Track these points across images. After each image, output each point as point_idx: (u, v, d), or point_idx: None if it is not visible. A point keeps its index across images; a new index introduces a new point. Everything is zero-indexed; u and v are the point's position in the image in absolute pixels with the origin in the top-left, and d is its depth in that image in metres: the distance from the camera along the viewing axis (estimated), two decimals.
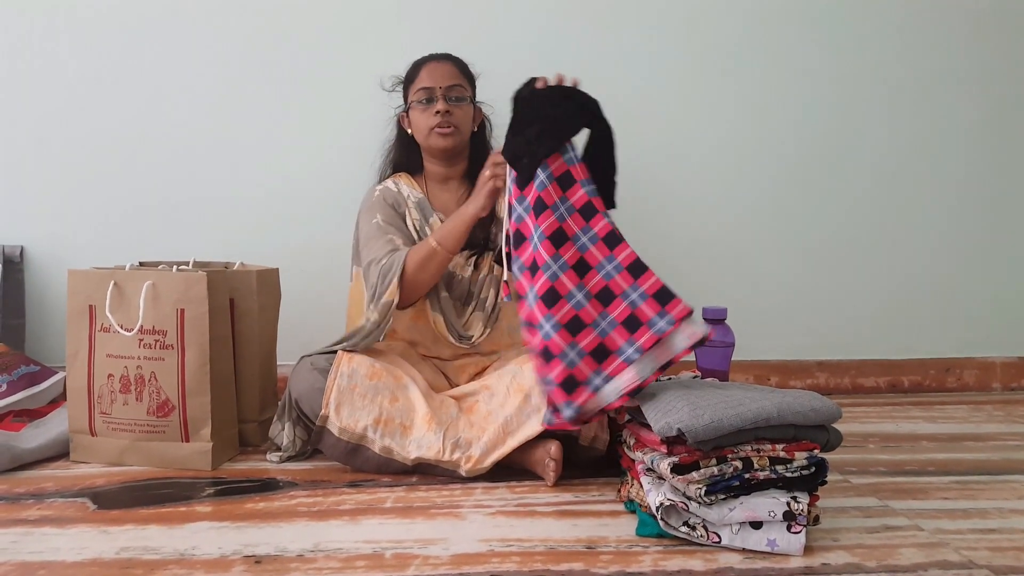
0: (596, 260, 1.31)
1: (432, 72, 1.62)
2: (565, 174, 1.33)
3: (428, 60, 1.66)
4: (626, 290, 1.29)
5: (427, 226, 1.65)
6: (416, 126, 1.66)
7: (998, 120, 2.21)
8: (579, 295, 1.29)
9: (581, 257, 1.31)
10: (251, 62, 2.06)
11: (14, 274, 2.04)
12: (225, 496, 1.35)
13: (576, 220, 1.32)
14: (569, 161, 1.33)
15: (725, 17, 2.12)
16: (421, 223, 1.66)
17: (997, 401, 2.13)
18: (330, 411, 1.46)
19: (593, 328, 1.28)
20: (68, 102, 2.05)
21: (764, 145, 2.17)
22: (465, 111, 1.65)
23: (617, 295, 1.29)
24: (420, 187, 1.71)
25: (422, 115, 1.63)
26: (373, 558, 1.09)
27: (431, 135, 1.63)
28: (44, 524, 1.21)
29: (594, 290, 1.30)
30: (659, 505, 1.13)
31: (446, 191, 1.72)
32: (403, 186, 1.70)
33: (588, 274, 1.30)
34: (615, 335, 1.27)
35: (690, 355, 1.32)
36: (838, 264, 2.21)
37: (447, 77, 1.62)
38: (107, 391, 1.51)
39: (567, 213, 1.32)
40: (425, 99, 1.62)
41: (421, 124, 1.64)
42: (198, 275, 1.48)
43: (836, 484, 1.39)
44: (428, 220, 1.66)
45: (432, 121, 1.61)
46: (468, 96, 1.65)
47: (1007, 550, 1.12)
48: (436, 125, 1.61)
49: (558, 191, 1.32)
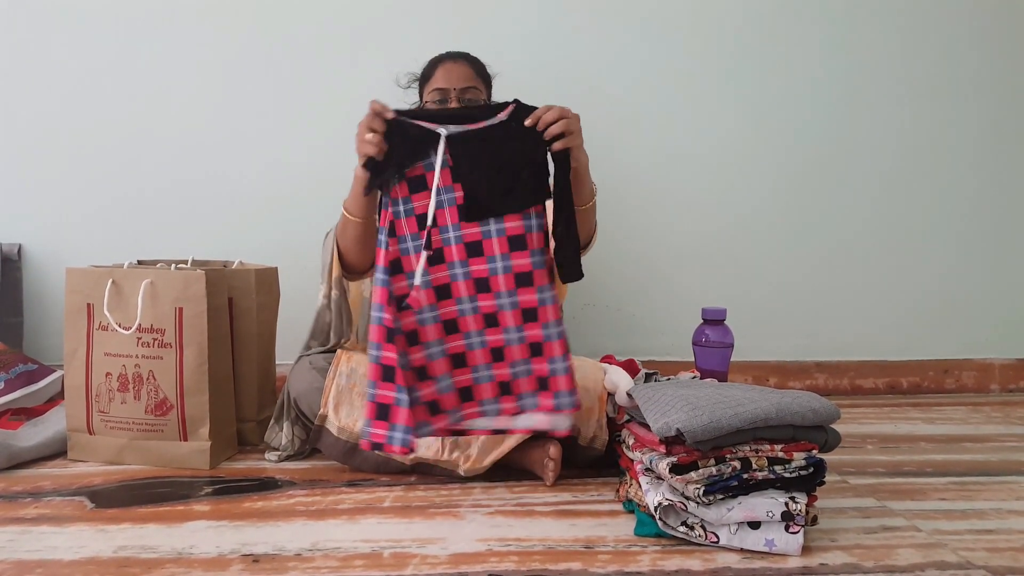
0: (506, 323, 1.27)
1: (448, 73, 1.60)
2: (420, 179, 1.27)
3: (444, 59, 1.63)
4: (516, 361, 1.28)
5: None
6: None
7: (1000, 123, 2.21)
8: (476, 338, 1.28)
9: (495, 313, 1.28)
10: (251, 60, 2.06)
11: (12, 272, 2.04)
12: (223, 495, 1.35)
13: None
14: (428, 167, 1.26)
15: (725, 18, 2.12)
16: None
17: (995, 402, 2.13)
18: (329, 410, 1.45)
19: (472, 372, 1.29)
20: (67, 100, 2.05)
21: (764, 147, 2.17)
22: None
23: (507, 361, 1.28)
24: None
25: None
26: (371, 557, 1.09)
27: None
28: (41, 523, 1.21)
29: (492, 344, 1.28)
30: (657, 505, 1.13)
31: None
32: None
33: (493, 329, 1.28)
34: (486, 387, 1.28)
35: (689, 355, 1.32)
36: (837, 265, 2.21)
37: (462, 79, 1.60)
38: (105, 389, 1.50)
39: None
40: (439, 100, 1.60)
41: None
42: (197, 274, 1.48)
43: (834, 485, 1.39)
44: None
45: None
46: (482, 98, 1.63)
47: (1005, 551, 1.12)
48: None
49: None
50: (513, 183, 1.26)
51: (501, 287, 1.26)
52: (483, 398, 1.29)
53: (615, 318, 2.12)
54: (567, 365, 1.27)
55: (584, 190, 1.41)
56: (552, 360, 1.27)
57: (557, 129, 1.25)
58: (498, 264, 1.27)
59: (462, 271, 1.27)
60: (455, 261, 1.27)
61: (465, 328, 1.28)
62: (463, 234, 1.27)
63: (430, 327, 1.27)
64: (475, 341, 1.28)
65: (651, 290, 2.16)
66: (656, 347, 2.14)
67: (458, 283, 1.27)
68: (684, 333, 1.72)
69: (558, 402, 1.27)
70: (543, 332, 1.26)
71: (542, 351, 1.27)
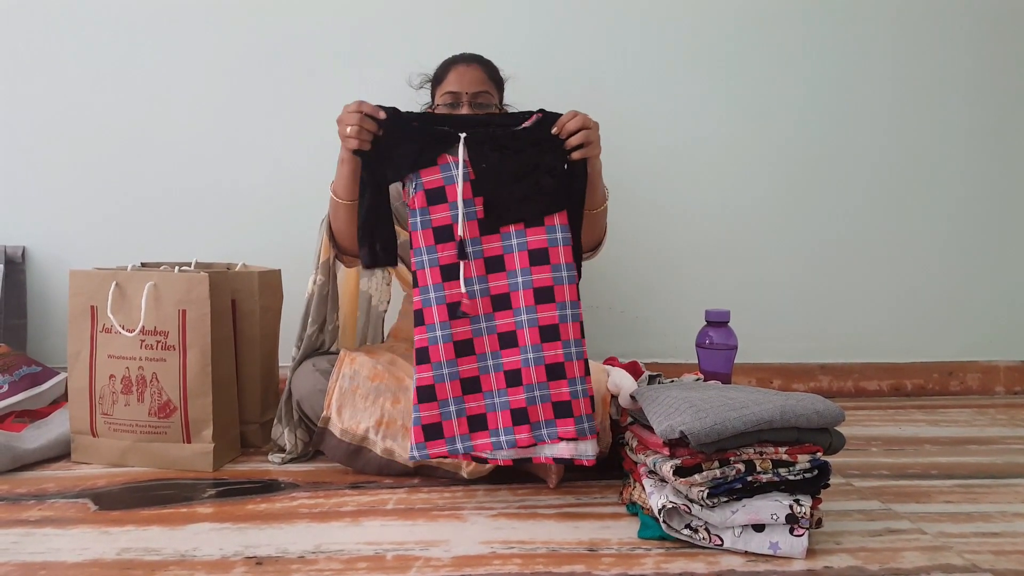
0: (523, 342, 1.25)
1: (460, 77, 1.58)
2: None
3: (457, 62, 1.61)
4: (532, 384, 1.24)
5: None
6: None
7: (1002, 124, 2.20)
8: (490, 361, 1.26)
9: (512, 332, 1.26)
10: (253, 63, 2.07)
11: (16, 274, 2.04)
12: (226, 497, 1.35)
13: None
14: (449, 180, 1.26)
15: (727, 20, 2.12)
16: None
17: (1000, 405, 2.12)
18: (332, 412, 1.45)
19: (485, 398, 1.26)
20: (70, 103, 2.05)
21: (767, 148, 2.17)
22: None
23: (523, 385, 1.25)
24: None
25: None
26: (375, 560, 1.09)
27: None
28: (45, 525, 1.21)
29: (507, 367, 1.26)
30: (661, 507, 1.12)
31: None
32: None
33: (509, 350, 1.26)
34: (500, 416, 1.25)
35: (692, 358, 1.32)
36: (841, 267, 2.20)
37: (474, 83, 1.58)
38: (108, 392, 1.50)
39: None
40: (451, 103, 1.58)
41: None
42: (200, 276, 1.48)
43: (839, 487, 1.38)
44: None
45: None
46: (494, 103, 1.62)
47: (1010, 553, 1.12)
48: None
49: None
50: (531, 191, 1.25)
51: (520, 303, 1.24)
52: (496, 427, 1.25)
53: (619, 320, 2.11)
54: (586, 388, 1.25)
55: (597, 195, 1.41)
56: (572, 382, 1.24)
57: (579, 139, 1.26)
58: (519, 279, 1.25)
59: (480, 287, 1.25)
60: (473, 277, 1.25)
61: (480, 350, 1.25)
62: (483, 248, 1.25)
63: (442, 346, 1.24)
64: (489, 364, 1.25)
65: (655, 292, 2.15)
66: (660, 349, 2.14)
67: (475, 301, 1.25)
68: (688, 335, 1.72)
69: (580, 428, 1.24)
70: (563, 351, 1.24)
71: (562, 372, 1.24)
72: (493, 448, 1.25)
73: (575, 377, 1.24)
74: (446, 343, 1.24)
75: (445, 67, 1.62)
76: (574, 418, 1.24)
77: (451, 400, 1.24)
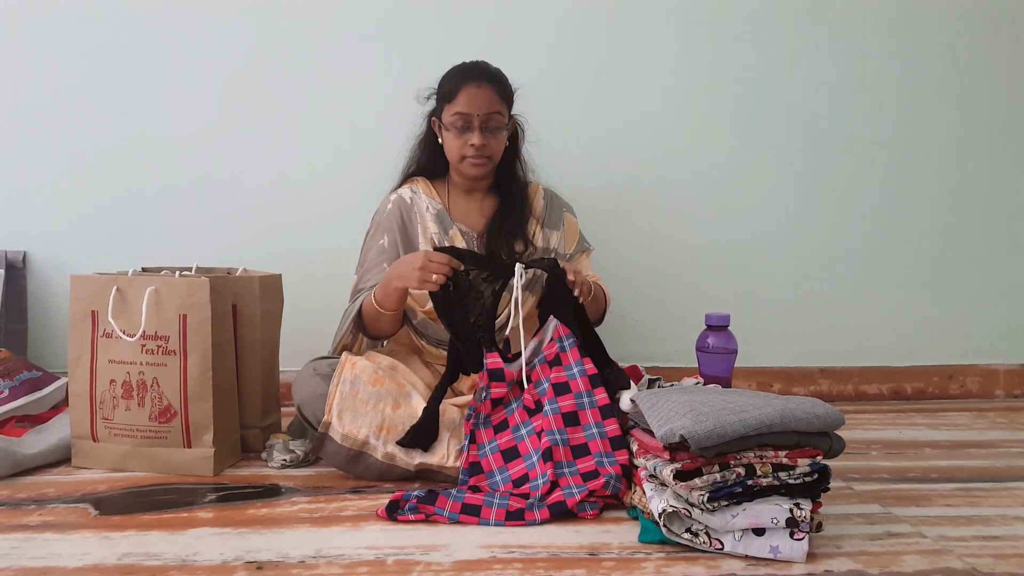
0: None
1: (472, 98, 1.56)
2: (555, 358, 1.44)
3: (468, 82, 1.57)
4: (561, 462, 1.33)
5: (446, 239, 1.63)
6: (448, 147, 1.62)
7: (1005, 127, 2.21)
8: (535, 458, 1.36)
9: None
10: (254, 68, 2.07)
11: (16, 279, 2.05)
12: (227, 502, 1.35)
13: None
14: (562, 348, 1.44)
15: (732, 22, 2.12)
16: (440, 236, 1.64)
17: (1000, 408, 2.12)
18: (332, 417, 1.45)
19: (529, 490, 1.32)
20: (71, 107, 2.06)
21: (768, 153, 2.17)
22: (500, 140, 1.62)
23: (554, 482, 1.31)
24: (441, 195, 1.69)
25: (456, 140, 1.59)
26: (375, 564, 1.09)
27: (463, 163, 1.61)
28: (46, 530, 1.21)
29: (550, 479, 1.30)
30: (662, 511, 1.12)
31: (470, 200, 1.70)
32: (421, 195, 1.68)
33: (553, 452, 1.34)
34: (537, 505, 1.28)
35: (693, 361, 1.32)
36: (841, 271, 2.21)
37: (486, 104, 1.56)
38: (109, 396, 1.51)
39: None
40: (461, 125, 1.57)
41: (454, 148, 1.60)
42: (201, 281, 1.48)
43: (839, 491, 1.38)
44: (448, 232, 1.65)
45: (467, 151, 1.59)
46: (505, 123, 1.61)
47: (1011, 557, 1.12)
48: (470, 156, 1.59)
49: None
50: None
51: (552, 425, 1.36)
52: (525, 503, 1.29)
53: (619, 324, 2.11)
54: (605, 431, 1.36)
55: (595, 305, 1.61)
56: (598, 455, 1.34)
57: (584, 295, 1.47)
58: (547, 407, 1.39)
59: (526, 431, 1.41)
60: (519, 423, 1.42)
61: (524, 452, 1.39)
62: (532, 426, 1.41)
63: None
64: (533, 461, 1.36)
65: (655, 296, 2.16)
66: (660, 353, 2.14)
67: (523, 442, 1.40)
68: (688, 339, 1.72)
69: (599, 460, 1.33)
70: (594, 461, 1.34)
71: (588, 451, 1.35)
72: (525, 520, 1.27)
73: (600, 451, 1.36)
74: (495, 454, 1.40)
75: (456, 84, 1.58)
76: (595, 460, 1.34)
77: (495, 496, 1.32)
